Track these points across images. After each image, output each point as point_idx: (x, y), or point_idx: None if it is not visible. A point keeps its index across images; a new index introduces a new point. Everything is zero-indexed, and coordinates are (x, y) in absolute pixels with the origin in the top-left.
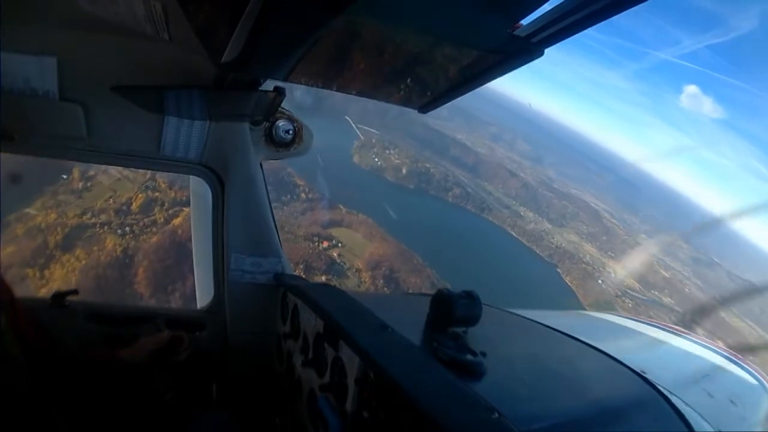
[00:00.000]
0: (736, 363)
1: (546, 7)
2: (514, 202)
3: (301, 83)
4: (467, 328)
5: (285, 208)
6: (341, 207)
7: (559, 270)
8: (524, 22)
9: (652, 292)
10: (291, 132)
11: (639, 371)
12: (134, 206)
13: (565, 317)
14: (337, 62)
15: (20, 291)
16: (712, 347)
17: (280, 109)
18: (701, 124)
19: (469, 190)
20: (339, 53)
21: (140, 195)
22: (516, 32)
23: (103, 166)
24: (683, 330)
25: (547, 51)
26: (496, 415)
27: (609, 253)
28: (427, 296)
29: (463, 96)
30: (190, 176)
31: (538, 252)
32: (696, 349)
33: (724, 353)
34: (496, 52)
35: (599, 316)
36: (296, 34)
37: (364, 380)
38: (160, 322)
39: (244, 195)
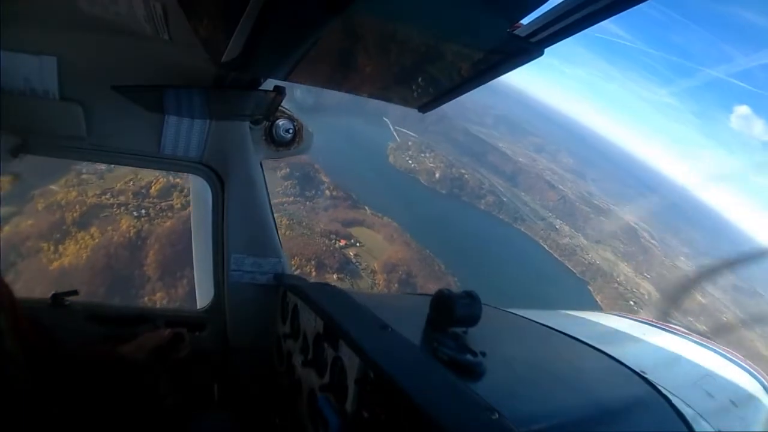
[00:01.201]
0: (736, 363)
1: (546, 7)
2: (550, 215)
3: (301, 83)
4: (467, 329)
5: (307, 203)
6: (366, 208)
7: (590, 287)
8: (524, 21)
9: (687, 318)
10: (291, 131)
11: (639, 371)
12: (153, 190)
13: (565, 317)
14: (337, 62)
15: (34, 263)
16: (712, 347)
17: (280, 108)
18: (751, 147)
19: (504, 199)
20: (339, 53)
21: (161, 179)
22: (516, 32)
23: None
24: (683, 330)
25: (598, 65)
26: (496, 415)
27: (644, 273)
28: (427, 296)
29: (508, 106)
30: (191, 175)
31: (570, 267)
32: (696, 349)
33: (724, 353)
34: (496, 52)
35: (599, 316)
36: (296, 34)
37: (364, 380)
38: (160, 323)
39: (244, 194)
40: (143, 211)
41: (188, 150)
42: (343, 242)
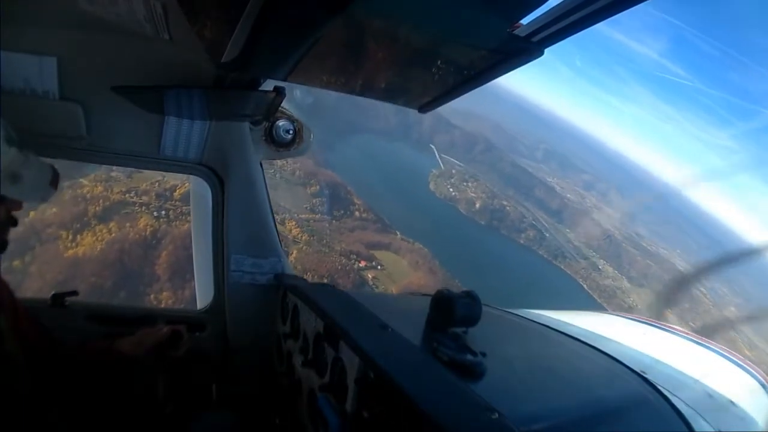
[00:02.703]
0: (736, 363)
1: (546, 7)
2: (593, 254)
3: (301, 83)
4: (467, 329)
5: (334, 222)
6: (397, 233)
7: None
8: (524, 22)
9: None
10: (291, 132)
11: (639, 371)
12: (177, 193)
13: (565, 317)
14: (337, 62)
15: (51, 248)
16: (713, 347)
17: (280, 108)
18: None
19: (546, 235)
20: (339, 53)
21: (186, 184)
22: (516, 32)
23: None
24: (683, 330)
25: (654, 103)
26: (496, 415)
27: (690, 323)
28: (427, 296)
29: (561, 140)
30: (191, 176)
31: (608, 309)
32: (696, 349)
33: (724, 353)
34: (496, 52)
35: (599, 316)
36: (296, 34)
37: (364, 380)
38: (160, 323)
39: (244, 195)
40: (163, 213)
41: (188, 151)
42: (363, 263)
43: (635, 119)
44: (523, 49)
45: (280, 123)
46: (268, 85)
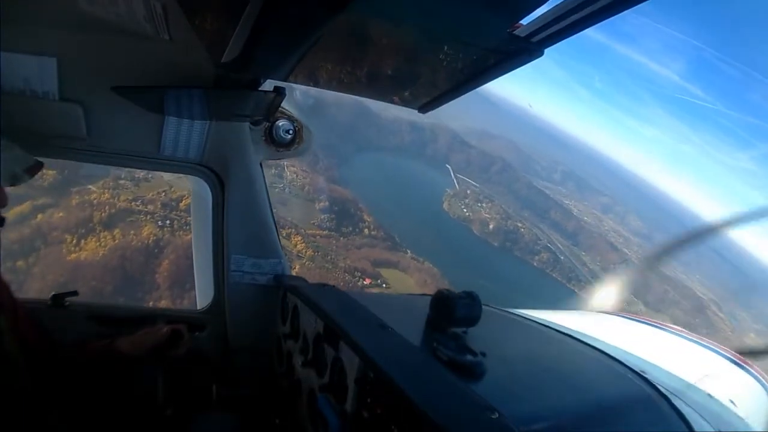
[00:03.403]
0: (736, 363)
1: (546, 7)
2: (609, 278)
3: (301, 83)
4: (467, 329)
5: (341, 239)
6: (408, 251)
7: None
8: (524, 22)
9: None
10: (291, 132)
11: (639, 371)
12: (183, 204)
13: (565, 317)
14: (337, 62)
15: (54, 251)
16: (713, 347)
17: (280, 109)
18: None
19: (561, 257)
20: (339, 53)
21: None
22: (516, 32)
23: None
24: (683, 330)
25: (674, 125)
26: (496, 415)
27: None
28: (427, 296)
29: (579, 162)
30: (191, 176)
31: None
32: (696, 349)
33: (724, 353)
34: (496, 52)
35: (599, 316)
36: (296, 34)
37: (364, 380)
38: (160, 323)
39: (244, 195)
40: (167, 222)
41: (188, 151)
42: (368, 281)
43: (655, 141)
44: (523, 50)
45: (280, 123)
46: (268, 85)
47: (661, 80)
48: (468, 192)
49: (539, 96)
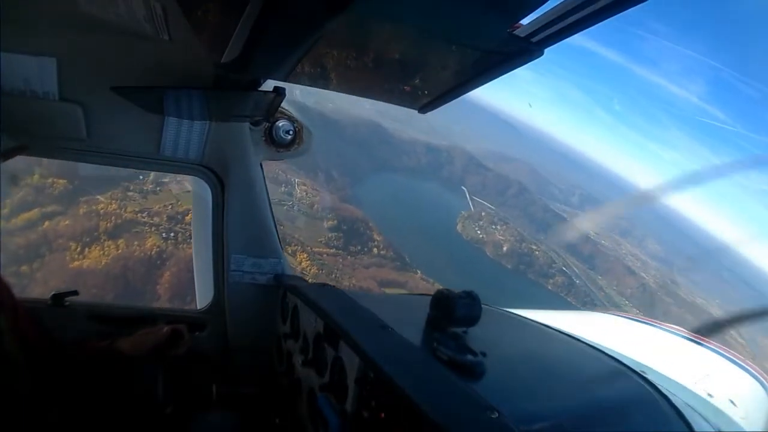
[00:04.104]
0: (736, 363)
1: (546, 7)
2: (626, 302)
3: (301, 83)
4: (467, 328)
5: (348, 257)
6: (418, 272)
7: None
8: (524, 22)
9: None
10: (291, 132)
11: (639, 371)
12: (188, 217)
13: (565, 317)
14: (336, 62)
15: (58, 258)
16: (713, 347)
17: (280, 109)
18: None
19: (577, 281)
20: (339, 53)
21: None
22: (516, 32)
23: (179, 177)
24: (683, 330)
25: (695, 149)
26: (496, 414)
27: None
28: (427, 296)
29: (597, 186)
30: (191, 177)
31: None
32: (696, 349)
33: (724, 353)
34: (496, 52)
35: (599, 316)
36: (296, 34)
37: (364, 380)
38: (160, 322)
39: (244, 196)
40: (172, 234)
41: (188, 151)
42: None
43: (674, 165)
44: (523, 50)
45: (280, 123)
46: (268, 85)
47: (680, 103)
48: (483, 214)
49: (558, 119)
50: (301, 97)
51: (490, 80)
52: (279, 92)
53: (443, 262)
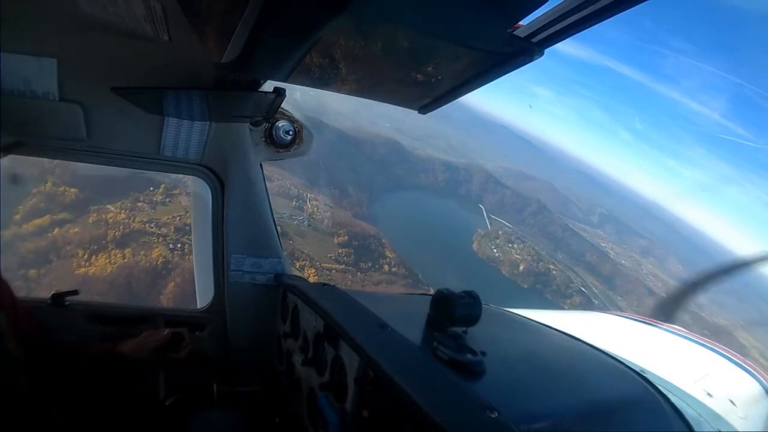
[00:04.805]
0: (736, 363)
1: (546, 7)
2: None
3: (301, 84)
4: (467, 328)
5: (358, 274)
6: (430, 289)
7: None
8: (524, 22)
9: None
10: (291, 133)
11: (639, 371)
12: None
13: (565, 317)
14: (336, 62)
15: (65, 264)
16: (713, 347)
17: (280, 109)
18: None
19: (595, 301)
20: (339, 54)
21: None
22: (516, 32)
23: (189, 189)
24: (683, 330)
25: (717, 166)
26: (496, 414)
27: None
28: (427, 296)
29: (618, 205)
30: (190, 177)
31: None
32: (696, 349)
33: (724, 353)
34: (496, 53)
35: (599, 316)
36: (296, 35)
37: (364, 379)
38: (160, 322)
39: (244, 196)
40: (179, 246)
41: (188, 151)
42: None
43: (697, 183)
44: (523, 50)
45: (280, 124)
46: (269, 85)
47: (701, 120)
48: (500, 233)
49: (580, 138)
50: (316, 113)
51: (491, 80)
52: (279, 93)
53: (457, 281)
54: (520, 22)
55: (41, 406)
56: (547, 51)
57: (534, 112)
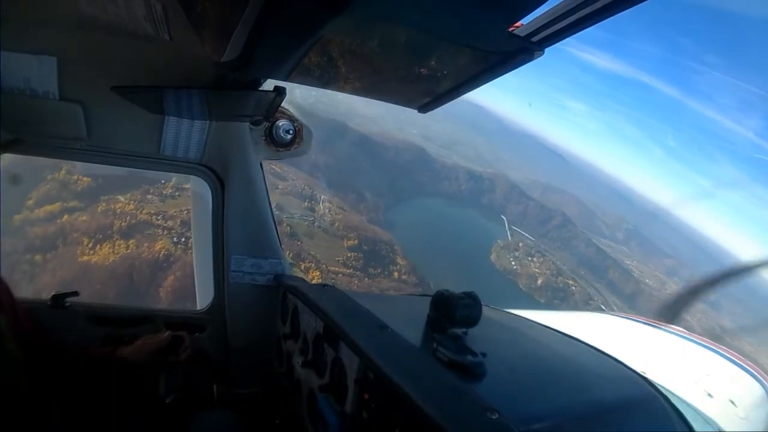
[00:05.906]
0: (736, 363)
1: (546, 7)
2: None
3: (301, 83)
4: (467, 329)
5: (366, 279)
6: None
7: None
8: (524, 21)
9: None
10: (291, 132)
11: (639, 371)
12: None
13: (565, 317)
14: (337, 62)
15: (69, 251)
16: (713, 347)
17: (280, 109)
18: None
19: None
20: (339, 53)
21: None
22: (516, 32)
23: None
24: (683, 330)
25: (749, 187)
26: (496, 415)
27: None
28: (427, 297)
29: (645, 222)
30: (191, 176)
31: None
32: (696, 349)
33: (725, 353)
34: (496, 52)
35: (599, 316)
36: (296, 34)
37: (364, 381)
38: (160, 324)
39: (244, 195)
40: (183, 239)
41: (188, 151)
42: None
43: (729, 204)
44: (523, 49)
45: (280, 123)
46: (269, 85)
47: (736, 138)
48: (520, 245)
49: (611, 152)
50: (343, 117)
51: (491, 80)
52: (279, 92)
53: (468, 290)
54: (520, 22)
55: (41, 406)
56: (580, 64)
57: (564, 124)
